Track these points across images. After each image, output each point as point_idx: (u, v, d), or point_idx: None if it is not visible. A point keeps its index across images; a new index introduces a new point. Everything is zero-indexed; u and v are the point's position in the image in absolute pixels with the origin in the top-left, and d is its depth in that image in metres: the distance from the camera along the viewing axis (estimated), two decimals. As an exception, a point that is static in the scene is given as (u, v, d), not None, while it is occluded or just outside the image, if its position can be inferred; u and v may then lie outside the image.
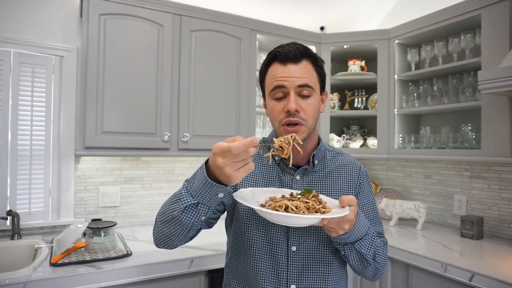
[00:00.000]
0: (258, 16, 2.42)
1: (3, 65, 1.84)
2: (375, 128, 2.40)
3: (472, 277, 1.46)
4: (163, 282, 1.58)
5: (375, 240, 0.97)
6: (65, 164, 2.00)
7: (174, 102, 1.97)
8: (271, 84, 0.97)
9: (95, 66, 1.78)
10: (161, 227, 0.91)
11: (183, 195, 0.82)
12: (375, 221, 1.09)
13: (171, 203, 0.87)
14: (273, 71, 0.97)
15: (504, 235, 1.98)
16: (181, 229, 0.87)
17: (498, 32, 1.75)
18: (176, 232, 0.88)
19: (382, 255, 1.01)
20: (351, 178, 1.07)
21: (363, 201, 1.08)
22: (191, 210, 0.82)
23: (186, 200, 0.81)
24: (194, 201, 0.80)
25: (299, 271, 0.98)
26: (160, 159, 2.29)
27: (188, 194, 0.81)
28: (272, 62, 0.98)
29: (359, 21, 2.83)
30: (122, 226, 2.15)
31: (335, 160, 1.09)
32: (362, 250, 0.93)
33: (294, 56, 0.94)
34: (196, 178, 0.80)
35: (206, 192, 0.77)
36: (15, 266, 1.69)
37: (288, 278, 0.97)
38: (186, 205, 0.81)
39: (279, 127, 0.97)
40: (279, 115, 0.96)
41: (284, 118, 0.94)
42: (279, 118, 0.96)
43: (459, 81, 2.10)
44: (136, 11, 1.87)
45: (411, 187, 2.53)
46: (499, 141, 1.73)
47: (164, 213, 0.89)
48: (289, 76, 0.94)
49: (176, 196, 0.86)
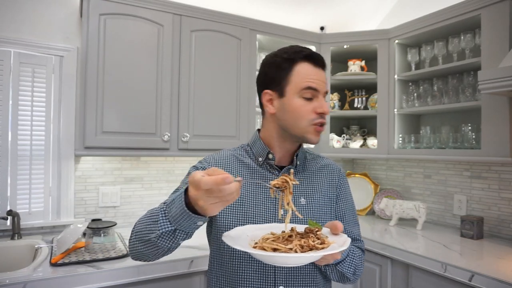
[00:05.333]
0: (258, 16, 2.42)
1: (3, 65, 1.84)
2: (375, 128, 2.40)
3: (472, 277, 1.46)
4: (163, 282, 1.58)
5: (355, 258, 1.01)
6: (65, 164, 2.00)
7: (174, 102, 1.97)
8: (302, 82, 0.96)
9: (95, 66, 1.78)
10: (137, 244, 0.87)
11: (159, 220, 0.77)
12: (354, 224, 1.11)
13: (148, 223, 0.82)
14: (303, 70, 0.96)
15: (504, 235, 1.98)
16: (157, 251, 0.84)
17: (498, 32, 1.75)
18: (151, 252, 0.85)
19: (361, 266, 1.06)
20: (332, 179, 1.10)
21: (344, 203, 1.10)
22: (168, 236, 0.78)
23: (163, 226, 0.77)
24: (172, 227, 0.76)
25: (287, 272, 0.98)
26: (160, 159, 2.29)
27: (166, 220, 0.76)
28: (301, 61, 0.97)
29: (359, 21, 2.83)
30: (122, 226, 2.14)
31: (316, 162, 1.11)
32: (344, 270, 0.98)
33: (323, 63, 0.99)
34: (174, 204, 0.74)
35: (184, 221, 0.73)
36: (15, 266, 1.69)
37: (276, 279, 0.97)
38: (163, 231, 0.77)
39: (308, 126, 0.97)
40: (308, 115, 0.96)
41: (317, 119, 0.97)
42: (309, 118, 0.96)
43: (459, 81, 2.10)
44: (136, 11, 1.87)
45: (411, 187, 2.53)
46: (499, 141, 1.73)
47: (140, 231, 0.85)
48: (321, 80, 0.97)
49: (153, 217, 0.81)
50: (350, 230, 1.08)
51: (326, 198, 1.06)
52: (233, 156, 1.07)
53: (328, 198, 1.07)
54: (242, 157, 1.06)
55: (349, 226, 1.08)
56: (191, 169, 1.05)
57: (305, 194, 1.04)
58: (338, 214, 1.08)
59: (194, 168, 1.04)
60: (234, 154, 1.07)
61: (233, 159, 1.06)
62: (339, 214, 1.08)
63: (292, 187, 0.84)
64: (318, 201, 1.04)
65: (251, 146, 1.08)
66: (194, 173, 0.67)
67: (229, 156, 1.07)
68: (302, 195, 1.03)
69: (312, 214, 1.02)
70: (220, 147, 2.00)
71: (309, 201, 1.03)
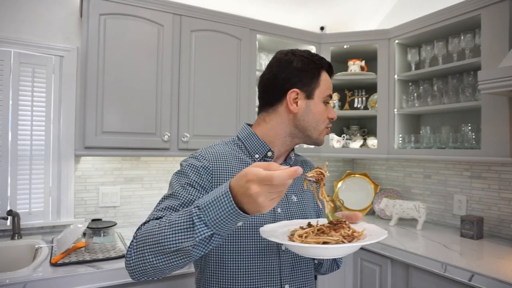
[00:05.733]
0: (258, 16, 2.42)
1: (3, 65, 1.84)
2: (375, 128, 2.40)
3: (472, 277, 1.46)
4: (163, 282, 1.58)
5: None
6: (65, 164, 2.00)
7: (174, 102, 1.97)
8: (326, 90, 1.03)
9: (95, 66, 1.78)
10: (149, 258, 0.77)
11: (196, 225, 0.71)
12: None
13: (171, 232, 0.74)
14: (327, 78, 1.04)
15: (504, 235, 1.98)
16: (185, 262, 0.76)
17: (498, 32, 1.75)
18: (176, 265, 0.78)
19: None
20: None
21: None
22: (205, 243, 0.72)
23: (202, 232, 0.70)
24: (209, 232, 0.70)
25: (291, 270, 0.98)
26: (160, 159, 2.29)
27: (203, 224, 0.70)
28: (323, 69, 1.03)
29: (359, 21, 2.83)
30: (122, 226, 2.15)
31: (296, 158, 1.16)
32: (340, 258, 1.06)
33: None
34: (215, 206, 0.69)
35: (228, 222, 0.68)
36: (15, 266, 1.69)
37: (282, 278, 0.97)
38: (202, 237, 0.70)
39: (323, 129, 1.05)
40: (325, 120, 1.05)
41: (329, 124, 1.06)
42: (325, 122, 1.05)
43: (459, 81, 2.10)
44: (136, 11, 1.87)
45: (411, 187, 2.53)
46: (499, 141, 1.73)
47: (158, 243, 0.76)
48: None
49: (180, 224, 0.73)
50: None
51: (310, 193, 1.11)
52: (229, 153, 1.02)
53: (312, 194, 1.12)
54: (236, 152, 1.03)
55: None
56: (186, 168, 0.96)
57: (295, 192, 1.06)
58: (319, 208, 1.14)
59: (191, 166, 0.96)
60: (229, 151, 1.03)
61: (231, 156, 1.02)
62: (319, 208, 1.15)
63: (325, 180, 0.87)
64: (307, 198, 1.09)
65: (243, 142, 1.04)
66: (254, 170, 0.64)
67: (227, 152, 1.02)
68: (293, 193, 1.05)
69: (302, 211, 1.05)
70: (220, 147, 2.00)
71: (299, 198, 1.06)
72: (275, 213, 0.99)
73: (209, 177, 0.95)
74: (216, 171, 0.96)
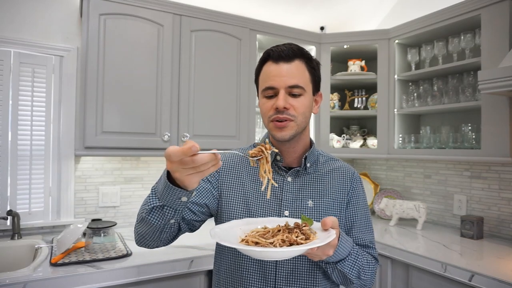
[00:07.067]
0: (258, 16, 2.42)
1: (3, 65, 1.84)
2: (375, 128, 2.40)
3: (472, 277, 1.46)
4: (163, 282, 1.58)
5: (359, 259, 0.95)
6: (65, 164, 2.00)
7: (174, 102, 1.97)
8: (263, 83, 0.98)
9: (95, 66, 1.78)
10: (136, 226, 0.93)
11: (150, 196, 0.84)
12: (367, 230, 1.06)
13: (144, 203, 0.88)
14: (266, 69, 0.98)
15: (504, 235, 1.98)
16: (152, 230, 0.88)
17: (498, 32, 1.75)
18: (148, 233, 0.90)
19: (369, 271, 0.98)
20: (343, 182, 1.06)
21: (355, 208, 1.05)
22: (157, 212, 0.83)
23: (152, 202, 0.82)
24: (160, 203, 0.81)
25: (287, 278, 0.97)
26: (160, 159, 2.29)
27: (155, 196, 0.82)
28: (266, 61, 0.99)
29: (359, 21, 2.83)
30: (122, 226, 2.14)
31: (328, 164, 1.08)
32: (345, 270, 0.93)
33: (287, 55, 0.95)
34: (160, 181, 0.80)
35: (168, 195, 0.77)
36: (15, 266, 1.69)
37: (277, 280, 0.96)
38: (152, 206, 0.82)
39: (268, 123, 0.98)
40: (268, 112, 0.96)
41: (274, 115, 0.95)
42: (268, 115, 0.97)
43: (459, 81, 2.10)
44: (136, 11, 1.87)
45: (411, 187, 2.53)
46: (499, 141, 1.73)
47: (139, 213, 0.91)
48: (281, 75, 0.94)
49: (147, 198, 0.87)
50: (361, 237, 1.04)
51: (336, 202, 1.03)
52: (239, 156, 1.08)
53: (338, 202, 1.03)
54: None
55: (360, 232, 1.04)
56: None
57: (313, 197, 1.02)
58: (349, 219, 1.04)
59: None
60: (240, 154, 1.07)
61: (238, 159, 1.08)
62: (350, 220, 1.04)
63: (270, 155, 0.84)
64: (326, 204, 1.02)
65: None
66: (168, 147, 0.69)
67: (235, 156, 1.08)
68: (310, 198, 1.01)
69: (319, 217, 0.99)
70: (220, 147, 2.00)
71: (316, 204, 1.01)
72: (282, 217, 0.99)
73: (216, 174, 1.05)
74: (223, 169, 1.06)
